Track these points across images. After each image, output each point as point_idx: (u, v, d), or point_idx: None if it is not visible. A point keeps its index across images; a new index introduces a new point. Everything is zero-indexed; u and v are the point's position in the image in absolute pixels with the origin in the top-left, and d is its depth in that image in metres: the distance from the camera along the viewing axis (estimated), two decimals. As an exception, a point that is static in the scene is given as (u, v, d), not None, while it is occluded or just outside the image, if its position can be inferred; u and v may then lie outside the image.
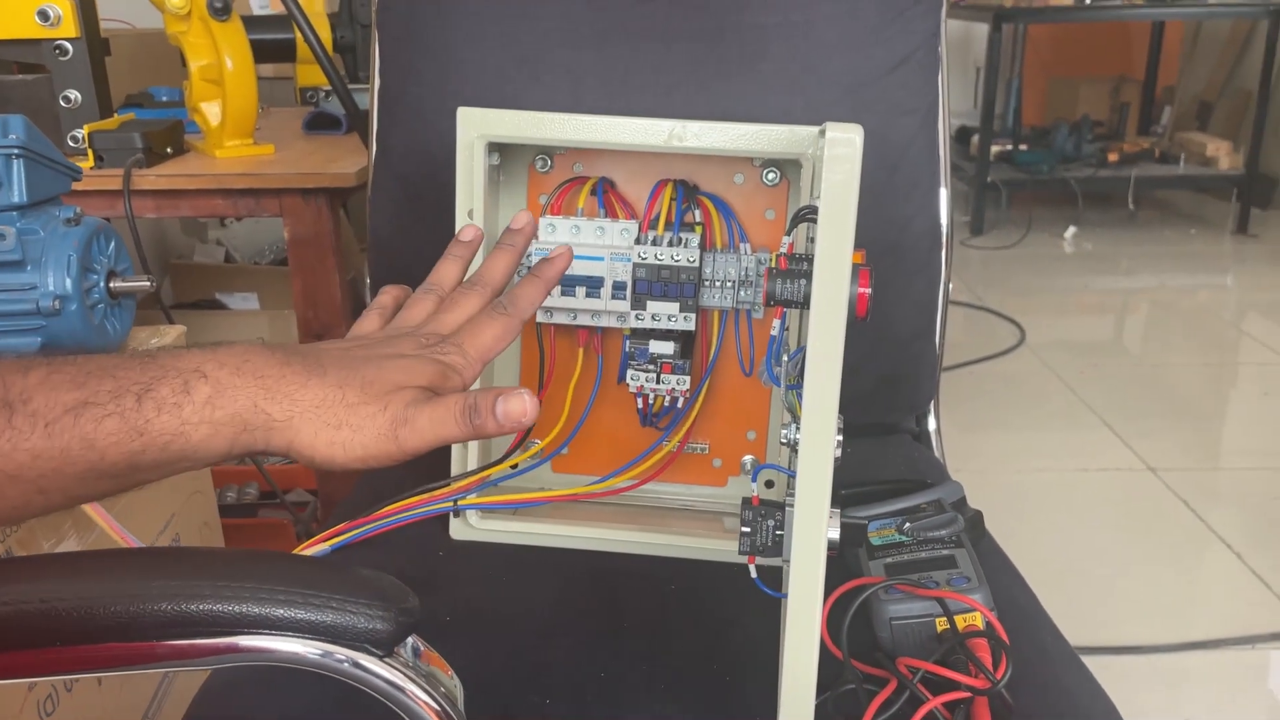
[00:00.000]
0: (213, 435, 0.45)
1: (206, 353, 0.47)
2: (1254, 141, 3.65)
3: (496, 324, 0.54)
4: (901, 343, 0.87)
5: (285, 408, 0.46)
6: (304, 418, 0.47)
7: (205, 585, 0.40)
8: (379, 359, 0.50)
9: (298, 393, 0.47)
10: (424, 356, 0.51)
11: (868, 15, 0.81)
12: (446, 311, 0.56)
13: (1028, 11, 3.59)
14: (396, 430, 0.47)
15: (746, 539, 0.56)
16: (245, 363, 0.47)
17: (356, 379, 0.48)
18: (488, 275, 0.59)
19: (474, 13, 0.82)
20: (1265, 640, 1.53)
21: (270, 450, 0.47)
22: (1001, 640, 0.55)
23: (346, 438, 0.47)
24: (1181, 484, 1.99)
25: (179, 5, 1.22)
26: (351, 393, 0.48)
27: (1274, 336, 2.77)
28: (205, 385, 0.45)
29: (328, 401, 0.47)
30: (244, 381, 0.46)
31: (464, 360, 0.52)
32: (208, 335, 1.77)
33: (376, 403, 0.48)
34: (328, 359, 0.49)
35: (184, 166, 1.24)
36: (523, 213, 0.63)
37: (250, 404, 0.46)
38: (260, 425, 0.46)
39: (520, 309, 0.56)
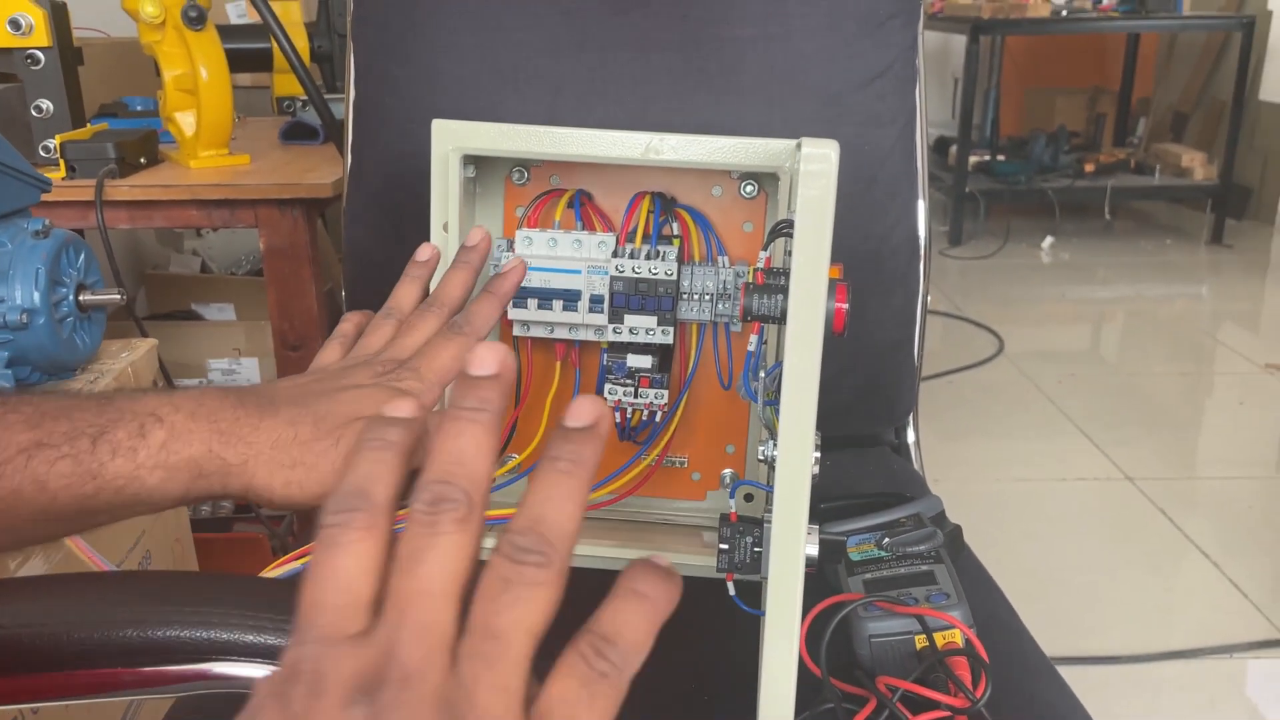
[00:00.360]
0: (167, 480, 0.45)
1: (163, 396, 0.47)
2: (1228, 152, 3.69)
3: (453, 345, 0.54)
4: (880, 354, 0.87)
5: (240, 451, 0.46)
6: (259, 460, 0.46)
7: (173, 611, 0.39)
8: (332, 392, 0.50)
9: (251, 435, 0.46)
10: (379, 385, 0.50)
11: (845, 28, 0.81)
12: (404, 335, 0.55)
13: (1005, 23, 3.62)
14: None
15: (724, 556, 0.56)
16: (200, 406, 0.46)
17: (309, 415, 0.48)
18: (444, 295, 0.58)
19: (450, 23, 0.82)
20: (1243, 649, 1.54)
21: (229, 495, 0.46)
22: (981, 658, 0.54)
23: (302, 476, 0.46)
24: (1159, 493, 2.00)
25: (153, 14, 1.21)
26: (304, 429, 0.47)
27: (1249, 346, 2.80)
28: (161, 429, 0.45)
29: (282, 441, 0.47)
30: (199, 426, 0.46)
31: (420, 385, 0.51)
32: (183, 346, 1.75)
33: (329, 437, 0.47)
34: (281, 397, 0.49)
35: (158, 177, 1.22)
36: (477, 228, 0.62)
37: (205, 449, 0.45)
38: (216, 470, 0.46)
39: (476, 327, 0.55)
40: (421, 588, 0.29)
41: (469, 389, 0.31)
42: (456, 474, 0.30)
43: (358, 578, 0.29)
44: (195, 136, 1.25)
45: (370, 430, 0.32)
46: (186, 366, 1.74)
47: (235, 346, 1.77)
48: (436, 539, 0.29)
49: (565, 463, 0.30)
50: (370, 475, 0.31)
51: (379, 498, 0.30)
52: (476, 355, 0.32)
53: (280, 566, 0.69)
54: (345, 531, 0.29)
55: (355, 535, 0.29)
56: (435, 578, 0.29)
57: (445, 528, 0.29)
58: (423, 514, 0.29)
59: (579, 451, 0.31)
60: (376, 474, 0.31)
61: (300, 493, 0.47)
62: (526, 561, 0.29)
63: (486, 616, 0.28)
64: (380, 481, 0.30)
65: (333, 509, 0.30)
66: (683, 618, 0.66)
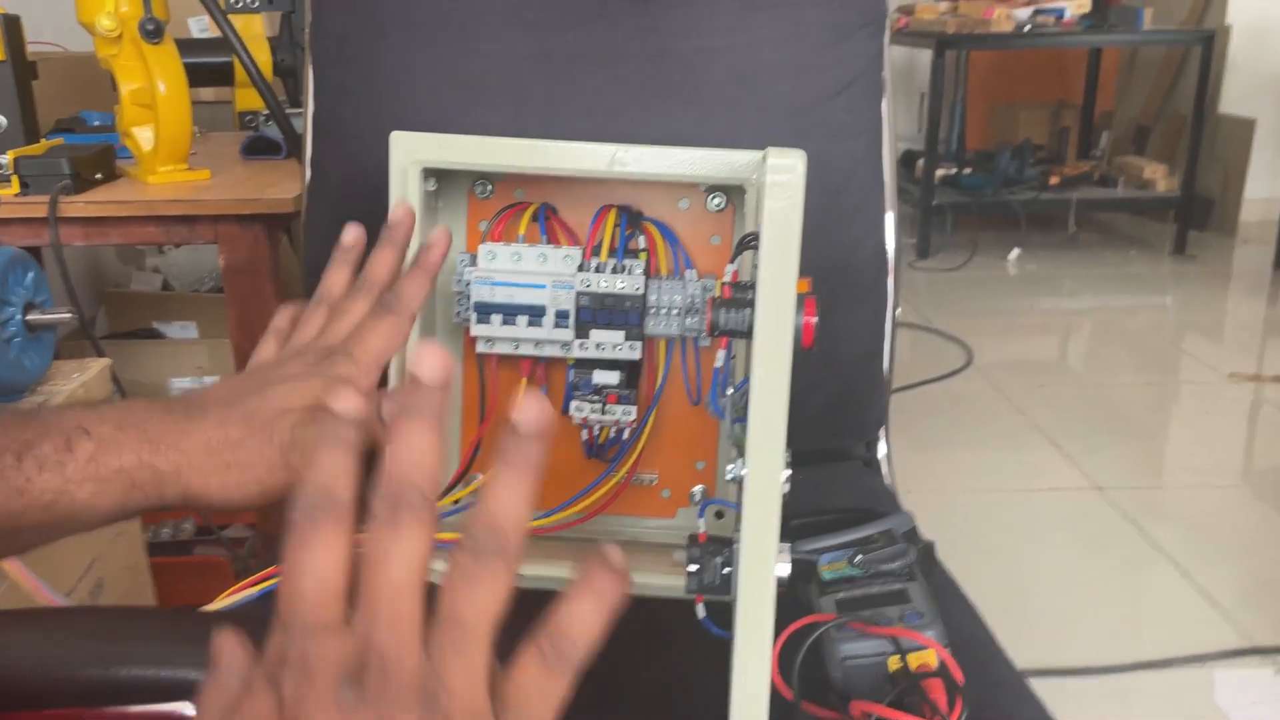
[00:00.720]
0: (99, 493, 0.43)
1: (89, 409, 0.46)
2: (1189, 165, 3.74)
3: (384, 324, 0.53)
4: (850, 368, 0.86)
5: (171, 458, 0.45)
6: (192, 466, 0.45)
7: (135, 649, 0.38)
8: (262, 387, 0.49)
9: (182, 440, 0.45)
10: (311, 374, 0.49)
11: (811, 40, 0.81)
12: (335, 321, 0.54)
13: (969, 39, 3.65)
14: (287, 457, 0.46)
15: (694, 578, 0.55)
16: (127, 416, 0.45)
17: (239, 413, 0.47)
18: (372, 276, 0.57)
19: (411, 35, 0.80)
20: (1214, 658, 1.54)
21: (167, 504, 0.45)
22: (955, 681, 0.53)
23: (238, 477, 0.46)
24: (1128, 503, 2.01)
25: (109, 27, 1.19)
26: (235, 429, 0.46)
27: (1213, 355, 2.83)
28: (88, 442, 0.44)
29: (213, 443, 0.46)
30: (127, 436, 0.45)
31: (355, 369, 0.50)
32: (144, 365, 1.72)
33: (261, 434, 0.46)
34: (210, 399, 0.48)
35: (114, 193, 1.20)
36: (400, 204, 0.60)
37: (135, 459, 0.44)
38: (149, 480, 0.44)
39: (405, 303, 0.54)
40: (390, 583, 0.31)
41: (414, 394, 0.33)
42: (410, 475, 0.32)
43: (332, 571, 0.32)
44: (153, 151, 1.23)
45: (325, 429, 0.33)
46: (147, 386, 1.71)
47: (198, 365, 1.74)
48: (398, 536, 0.31)
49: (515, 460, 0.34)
50: (332, 474, 0.33)
51: (342, 495, 0.32)
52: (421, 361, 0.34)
53: (239, 591, 0.67)
54: (315, 529, 0.32)
55: (325, 532, 0.32)
56: (402, 573, 0.31)
57: (406, 527, 0.32)
58: (385, 514, 0.32)
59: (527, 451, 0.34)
60: (337, 472, 0.33)
61: (239, 493, 0.46)
62: (484, 553, 0.32)
63: (452, 606, 0.32)
64: (341, 479, 0.33)
65: (301, 508, 0.32)
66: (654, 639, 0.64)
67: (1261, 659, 1.54)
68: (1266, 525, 1.93)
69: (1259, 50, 3.94)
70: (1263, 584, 1.74)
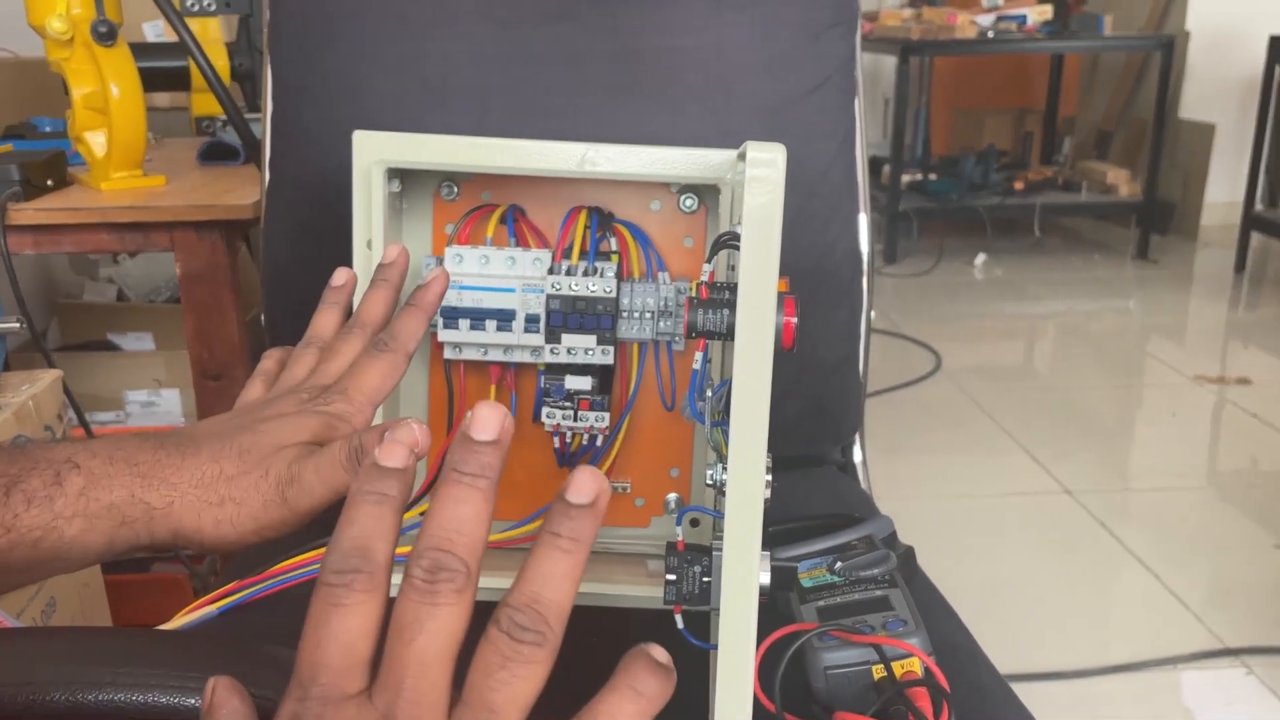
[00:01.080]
0: (88, 530, 0.42)
1: (78, 444, 0.44)
2: (1151, 169, 3.79)
3: (380, 363, 0.51)
4: (825, 372, 0.85)
5: (163, 494, 0.44)
6: (184, 501, 0.44)
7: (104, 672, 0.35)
8: (255, 424, 0.47)
9: (174, 475, 0.44)
10: (305, 411, 0.48)
11: (783, 39, 0.79)
12: (327, 362, 0.53)
13: (933, 44, 3.67)
14: (284, 492, 0.44)
15: (672, 587, 0.53)
16: (118, 450, 0.44)
17: (233, 449, 0.45)
18: (365, 316, 0.56)
19: (373, 34, 0.78)
20: (1185, 660, 1.55)
21: (157, 543, 0.44)
22: (942, 688, 0.52)
23: (232, 513, 0.44)
24: (1098, 506, 2.02)
25: (61, 30, 1.16)
26: (229, 464, 0.45)
27: (1178, 358, 2.85)
28: (78, 476, 0.43)
29: (206, 479, 0.44)
30: (118, 470, 0.43)
31: (350, 406, 0.49)
32: (98, 377, 1.67)
33: (257, 469, 0.45)
34: (202, 434, 0.47)
35: (66, 200, 1.16)
36: (393, 245, 0.59)
37: (126, 493, 0.43)
38: (140, 516, 0.43)
39: (401, 342, 0.53)
40: (419, 657, 0.29)
41: (469, 453, 0.31)
42: (455, 542, 0.30)
43: (359, 638, 0.30)
44: (106, 157, 1.19)
45: (366, 482, 0.32)
46: (102, 399, 1.67)
47: (155, 377, 1.70)
48: (435, 609, 0.30)
49: (566, 540, 0.31)
50: (369, 532, 0.31)
51: (379, 556, 0.31)
52: (477, 418, 0.32)
53: (197, 609, 0.64)
54: (348, 593, 0.30)
55: (358, 597, 0.30)
56: (432, 648, 0.30)
57: (444, 598, 0.30)
58: (421, 581, 0.30)
59: (579, 529, 0.31)
60: (376, 530, 0.31)
61: (233, 531, 0.45)
62: (524, 640, 0.30)
63: (483, 691, 0.30)
64: (380, 538, 0.31)
65: (334, 567, 0.30)
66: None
67: (1232, 660, 1.55)
68: (1233, 526, 1.95)
69: (1217, 56, 4.00)
70: (1231, 585, 1.75)
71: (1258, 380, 2.65)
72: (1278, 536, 1.89)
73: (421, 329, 0.55)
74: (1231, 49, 3.97)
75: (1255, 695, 1.48)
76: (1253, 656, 1.55)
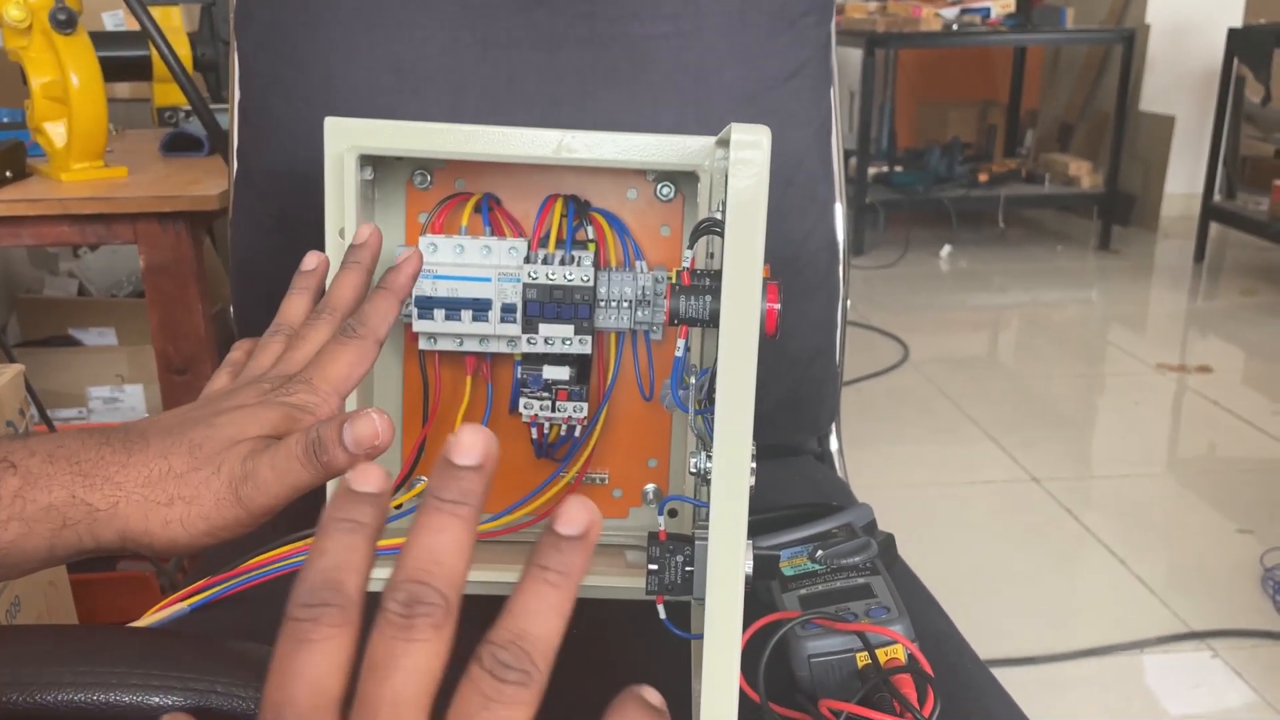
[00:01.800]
0: (26, 534, 0.39)
1: (17, 441, 0.41)
2: (1112, 161, 3.83)
3: (348, 350, 0.48)
4: (802, 361, 0.85)
5: (107, 493, 0.41)
6: (129, 501, 0.41)
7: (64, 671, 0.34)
8: (210, 416, 0.44)
9: (119, 474, 0.41)
10: (266, 402, 0.45)
11: (759, 25, 0.79)
12: (294, 349, 0.50)
13: (898, 37, 3.69)
14: (237, 490, 0.42)
15: (654, 577, 0.52)
16: (59, 448, 0.41)
17: (183, 444, 0.42)
18: (334, 300, 0.53)
19: (343, 19, 0.77)
20: (1151, 644, 1.57)
21: (103, 546, 0.41)
22: (926, 674, 0.52)
23: (182, 513, 0.41)
24: (1064, 493, 2.04)
25: (18, 17, 1.13)
26: (179, 460, 0.42)
27: (1139, 347, 2.89)
28: (14, 477, 0.40)
29: (154, 476, 0.41)
30: (58, 470, 0.40)
31: (314, 397, 0.46)
32: (60, 374, 1.64)
33: (208, 465, 0.42)
34: (153, 429, 0.43)
35: (25, 191, 1.14)
36: (365, 225, 0.56)
37: (66, 494, 0.40)
38: (81, 518, 0.40)
39: (371, 327, 0.50)
40: (393, 698, 0.27)
41: (449, 479, 0.29)
42: (434, 574, 0.28)
43: (329, 675, 0.28)
44: (66, 148, 1.17)
45: (338, 509, 0.29)
46: (65, 395, 1.63)
47: (118, 373, 1.67)
48: (411, 645, 0.28)
49: (554, 574, 0.29)
50: (341, 564, 0.29)
51: (351, 589, 0.28)
52: (459, 442, 0.30)
53: (167, 607, 0.63)
54: (317, 628, 0.28)
55: (326, 632, 0.28)
56: (408, 688, 0.27)
57: (421, 633, 0.28)
58: (397, 615, 0.28)
59: (568, 562, 0.29)
60: (348, 562, 0.29)
61: (183, 532, 0.41)
62: (508, 679, 0.28)
63: None
64: (351, 570, 0.29)
65: (302, 600, 0.28)
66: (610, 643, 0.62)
67: (1197, 643, 1.57)
68: (1195, 512, 1.98)
69: (1177, 48, 4.05)
70: (1193, 569, 1.77)
71: (1218, 368, 2.69)
72: (1239, 521, 1.92)
73: (393, 313, 0.52)
74: (1190, 42, 4.03)
75: (1220, 677, 1.50)
76: (1216, 639, 1.58)
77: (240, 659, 0.37)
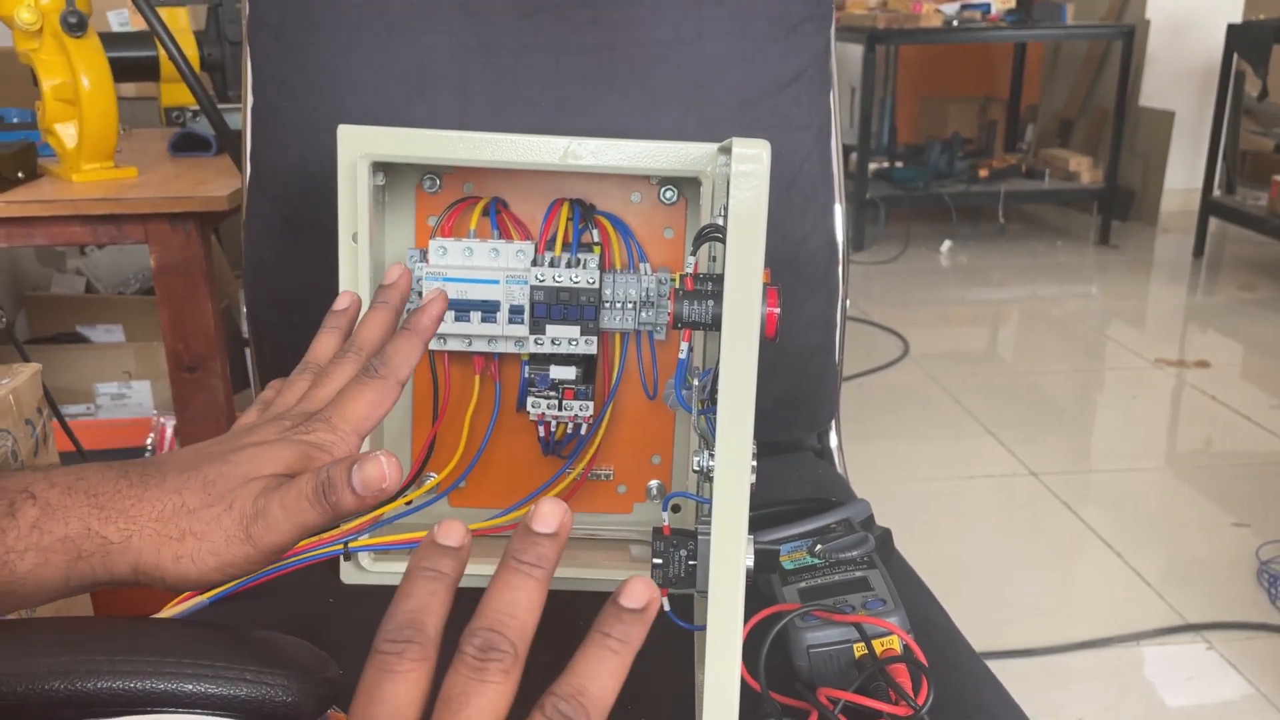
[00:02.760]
0: (42, 565, 0.40)
1: (39, 472, 0.42)
2: (1112, 157, 3.84)
3: (369, 390, 0.48)
4: (802, 359, 0.86)
5: (121, 527, 0.41)
6: (143, 535, 0.41)
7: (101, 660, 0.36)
8: (227, 453, 0.44)
9: (134, 508, 0.42)
10: (285, 439, 0.45)
11: (758, 31, 0.81)
12: (318, 387, 0.50)
13: (899, 33, 3.70)
14: (248, 528, 0.42)
15: (658, 571, 0.54)
16: (79, 480, 0.42)
17: (198, 479, 0.43)
18: (360, 339, 0.53)
19: (352, 26, 0.79)
20: (1149, 636, 1.59)
21: (116, 579, 0.41)
22: (921, 664, 0.54)
23: (192, 549, 0.41)
24: (1062, 487, 2.06)
25: (29, 20, 1.15)
26: (192, 496, 0.42)
27: (1138, 342, 2.91)
28: (33, 507, 0.40)
29: (167, 511, 0.42)
30: (75, 501, 0.41)
31: (332, 435, 0.46)
32: (68, 370, 1.66)
33: (220, 502, 0.42)
34: (171, 464, 0.44)
35: (37, 192, 1.15)
36: (396, 265, 0.57)
37: (82, 526, 0.41)
38: (96, 551, 0.41)
39: (394, 368, 0.50)
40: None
41: (529, 543, 0.34)
42: (508, 625, 0.33)
43: (408, 704, 0.32)
44: (77, 149, 1.19)
45: (424, 559, 0.34)
46: (72, 392, 1.65)
47: (125, 370, 1.69)
48: (483, 685, 0.32)
49: (615, 641, 0.34)
50: (423, 607, 0.34)
51: (430, 630, 0.33)
52: (540, 512, 0.35)
53: (186, 600, 0.65)
54: (400, 661, 0.32)
55: (408, 665, 0.32)
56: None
57: (492, 676, 0.32)
58: (472, 659, 0.33)
59: (629, 632, 0.34)
60: (428, 606, 0.34)
61: (194, 568, 0.41)
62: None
63: None
64: (432, 614, 0.34)
65: (388, 636, 0.33)
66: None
67: (1192, 635, 1.59)
68: (1192, 505, 1.99)
69: (1177, 44, 4.06)
70: (1189, 562, 1.79)
71: (1216, 363, 2.70)
72: (1235, 515, 1.94)
73: (416, 354, 0.51)
74: (1190, 37, 4.03)
75: (1215, 669, 1.52)
76: (1212, 631, 1.60)
77: (266, 647, 0.38)
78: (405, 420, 0.72)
